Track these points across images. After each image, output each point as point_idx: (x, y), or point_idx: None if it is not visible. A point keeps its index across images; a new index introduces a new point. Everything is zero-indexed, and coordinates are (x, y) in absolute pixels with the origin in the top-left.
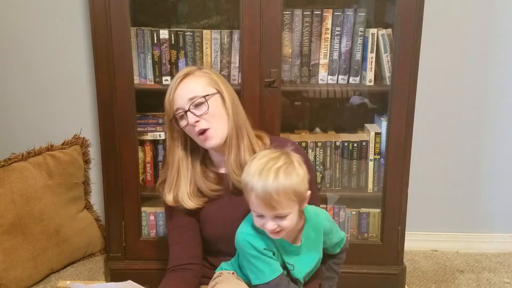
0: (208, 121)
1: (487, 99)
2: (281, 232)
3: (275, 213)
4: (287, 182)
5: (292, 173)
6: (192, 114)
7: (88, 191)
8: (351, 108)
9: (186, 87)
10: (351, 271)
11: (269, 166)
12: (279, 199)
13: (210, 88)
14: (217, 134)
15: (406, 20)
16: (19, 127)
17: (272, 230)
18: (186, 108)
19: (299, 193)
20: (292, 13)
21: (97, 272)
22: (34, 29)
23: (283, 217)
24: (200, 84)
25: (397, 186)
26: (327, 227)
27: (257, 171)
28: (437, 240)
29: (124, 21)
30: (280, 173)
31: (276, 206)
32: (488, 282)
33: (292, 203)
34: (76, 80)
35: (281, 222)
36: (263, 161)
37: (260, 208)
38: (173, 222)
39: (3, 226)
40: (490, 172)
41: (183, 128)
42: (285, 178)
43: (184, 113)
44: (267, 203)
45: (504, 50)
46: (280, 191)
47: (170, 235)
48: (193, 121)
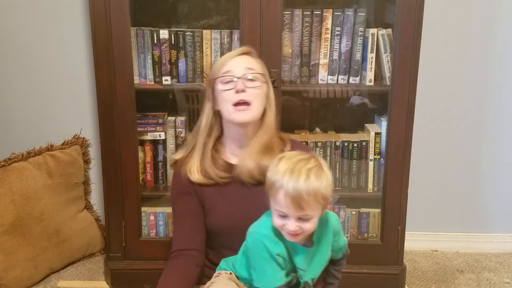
0: (252, 96)
1: (487, 99)
2: (300, 235)
3: (301, 214)
4: (318, 185)
5: (322, 176)
6: (243, 82)
7: (88, 191)
8: (351, 108)
9: (246, 60)
10: (351, 271)
11: (299, 166)
12: (309, 200)
13: (263, 72)
14: (253, 113)
15: (406, 20)
16: (19, 127)
17: (293, 231)
18: (239, 75)
19: (326, 197)
20: (292, 13)
21: (97, 272)
22: (34, 29)
23: (307, 219)
24: (258, 65)
25: (397, 186)
26: (337, 228)
27: (288, 170)
28: (437, 240)
29: (124, 21)
30: (311, 175)
31: (305, 207)
32: (488, 282)
33: (319, 206)
34: (76, 80)
35: (303, 225)
36: (293, 161)
37: (288, 207)
38: (181, 206)
39: (3, 226)
40: (490, 172)
41: (221, 91)
42: (316, 180)
43: (233, 78)
44: (296, 203)
45: (504, 50)
46: (310, 192)
47: (175, 220)
48: (241, 88)
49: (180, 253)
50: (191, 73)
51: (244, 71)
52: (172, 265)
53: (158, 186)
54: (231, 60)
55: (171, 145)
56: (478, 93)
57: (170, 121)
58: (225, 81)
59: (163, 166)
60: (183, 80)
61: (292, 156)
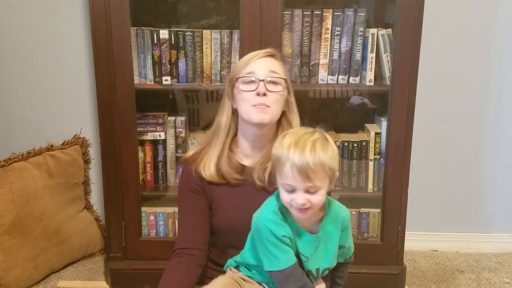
0: (272, 101)
1: (487, 99)
2: (309, 210)
3: (309, 185)
4: (323, 155)
5: (328, 147)
6: (265, 86)
7: (88, 191)
8: (351, 108)
9: (270, 62)
10: (351, 271)
11: (304, 139)
12: (316, 170)
13: (286, 77)
14: (270, 115)
15: (406, 20)
16: (19, 127)
17: (302, 204)
18: (262, 77)
19: (332, 168)
20: (292, 13)
21: (97, 272)
22: (34, 29)
23: (315, 192)
24: (282, 68)
25: (397, 186)
26: (346, 222)
27: (292, 142)
28: (437, 240)
29: (124, 21)
30: (317, 145)
31: (312, 177)
32: (488, 282)
33: (325, 177)
34: (76, 80)
35: (311, 197)
36: (298, 135)
37: (295, 179)
38: (187, 204)
39: (3, 226)
40: (490, 172)
41: (242, 91)
42: (322, 150)
43: (256, 80)
44: (304, 173)
45: (504, 50)
46: (317, 162)
47: (180, 217)
48: (263, 91)
49: (183, 252)
50: (191, 73)
51: (267, 74)
52: (174, 264)
53: (158, 186)
54: (255, 61)
55: (171, 145)
56: (478, 93)
57: (170, 121)
58: (247, 81)
59: (163, 166)
60: (183, 80)
61: (297, 131)
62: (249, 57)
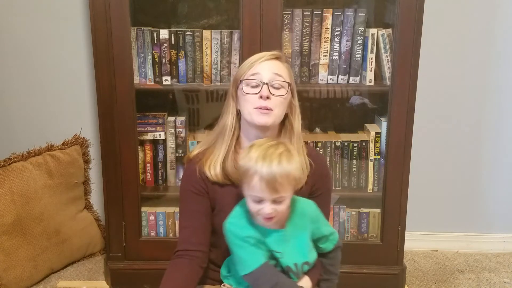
0: (275, 104)
1: (487, 99)
2: (274, 219)
3: (276, 196)
4: (289, 167)
5: (292, 159)
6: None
7: (88, 191)
8: (351, 108)
9: (275, 65)
10: (351, 271)
11: (271, 152)
12: (282, 182)
13: (290, 81)
14: (274, 117)
15: (406, 20)
16: (19, 127)
17: (269, 214)
18: (265, 80)
19: (298, 178)
20: (292, 13)
21: (97, 272)
22: (34, 29)
23: (281, 201)
24: (287, 72)
25: (397, 186)
26: (314, 215)
27: (260, 156)
28: (437, 240)
29: (124, 21)
30: (283, 159)
31: (279, 189)
32: (488, 282)
33: (291, 187)
34: (76, 80)
35: (278, 207)
36: (264, 147)
37: (263, 191)
38: (189, 205)
39: (3, 226)
40: (490, 172)
41: (245, 94)
42: (287, 163)
43: (260, 83)
44: (271, 186)
45: (504, 50)
46: (283, 174)
47: (182, 218)
48: (266, 95)
49: (185, 253)
50: (191, 73)
51: (272, 77)
52: (176, 265)
53: (158, 186)
54: (260, 63)
55: (171, 145)
56: (478, 93)
57: (170, 121)
58: (251, 84)
59: (163, 166)
60: (183, 80)
61: (262, 143)
62: (254, 59)
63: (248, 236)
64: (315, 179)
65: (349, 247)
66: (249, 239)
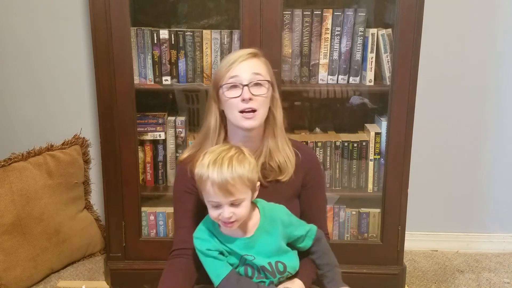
0: (259, 104)
1: (487, 99)
2: (235, 223)
3: (231, 199)
4: (241, 168)
5: (244, 160)
6: (249, 90)
7: (88, 191)
8: (351, 108)
9: (252, 64)
10: (351, 271)
11: (222, 156)
12: (235, 184)
13: (270, 77)
14: (259, 119)
15: (406, 20)
16: (19, 127)
17: (228, 218)
18: (244, 82)
19: (252, 179)
20: (292, 13)
21: (97, 272)
22: (34, 29)
23: (238, 204)
24: (265, 68)
25: (397, 186)
26: (285, 219)
27: (211, 161)
28: (437, 240)
29: (124, 21)
30: (233, 161)
31: (233, 191)
32: (488, 282)
33: (246, 188)
34: (76, 80)
35: (236, 210)
36: (216, 153)
37: (217, 195)
38: (183, 205)
39: (3, 226)
40: (490, 172)
41: (228, 99)
42: (239, 164)
43: (240, 86)
44: (224, 188)
45: (504, 50)
46: (235, 176)
47: (178, 218)
48: (248, 97)
49: (182, 252)
50: (191, 73)
51: (251, 77)
52: (175, 264)
53: (158, 186)
54: (237, 65)
55: (171, 145)
56: (478, 93)
57: (170, 121)
58: (231, 87)
59: (163, 166)
60: (183, 80)
61: (215, 149)
62: (231, 60)
63: (209, 249)
64: (305, 172)
65: (349, 247)
66: (210, 252)
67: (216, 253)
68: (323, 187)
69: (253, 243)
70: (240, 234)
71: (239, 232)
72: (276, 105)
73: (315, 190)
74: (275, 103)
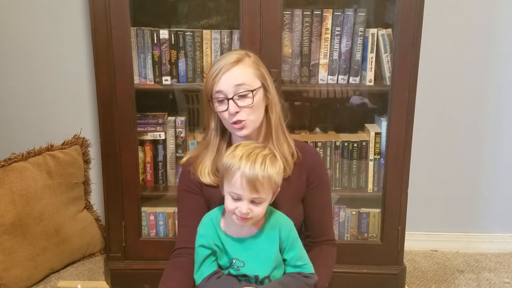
0: (246, 114)
1: (487, 99)
2: (249, 220)
3: (254, 196)
4: (272, 170)
5: (276, 163)
6: (235, 104)
7: (88, 191)
8: (351, 108)
9: (234, 73)
10: (351, 271)
11: (256, 152)
12: (263, 182)
13: (257, 81)
14: (251, 126)
15: (406, 20)
16: (19, 127)
17: (245, 214)
18: (229, 95)
19: (278, 183)
20: (292, 13)
21: (97, 272)
22: (34, 29)
23: (258, 203)
24: (249, 74)
25: (397, 186)
26: (285, 233)
27: (244, 154)
28: (437, 240)
29: (124, 21)
30: (267, 160)
31: (259, 189)
32: (488, 282)
33: (270, 190)
34: (76, 80)
35: (255, 208)
36: (250, 147)
37: (243, 189)
38: (185, 205)
39: (3, 226)
40: (490, 172)
41: (219, 112)
42: (271, 165)
43: (225, 100)
44: (252, 184)
45: (504, 49)
46: (265, 175)
47: (180, 218)
48: (234, 111)
49: (183, 252)
50: (191, 73)
51: (234, 89)
52: (176, 263)
53: (158, 186)
54: (220, 78)
55: (171, 145)
56: (478, 93)
57: (170, 121)
58: (218, 101)
59: (163, 166)
60: (183, 80)
61: (248, 143)
62: (215, 72)
63: (203, 245)
64: (308, 172)
65: (349, 247)
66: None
67: (207, 252)
68: (327, 187)
69: (251, 246)
70: (239, 234)
71: (239, 231)
72: (272, 106)
73: (319, 189)
74: (270, 104)
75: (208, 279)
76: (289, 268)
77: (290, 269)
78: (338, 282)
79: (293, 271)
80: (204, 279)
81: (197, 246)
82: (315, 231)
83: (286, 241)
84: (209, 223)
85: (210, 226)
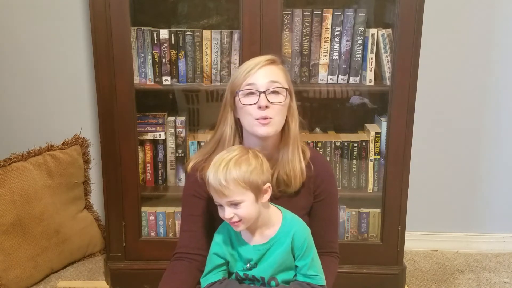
0: (275, 112)
1: (487, 99)
2: (240, 223)
3: (227, 200)
4: (235, 171)
5: (243, 162)
6: (266, 98)
7: (88, 191)
8: (351, 108)
9: (270, 71)
10: (351, 271)
11: (222, 158)
12: (227, 185)
13: (286, 85)
14: (275, 127)
15: (406, 20)
16: (19, 127)
17: (229, 218)
18: (262, 89)
19: (250, 181)
20: (292, 13)
21: (97, 272)
22: (34, 29)
23: (237, 205)
24: (283, 76)
25: (397, 186)
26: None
27: (212, 164)
28: (437, 240)
29: (124, 21)
30: (230, 163)
31: (226, 192)
32: (488, 282)
33: (243, 190)
34: (76, 80)
35: (236, 210)
36: (219, 155)
37: (214, 196)
38: (191, 209)
39: (3, 226)
40: (490, 172)
41: (244, 105)
42: (234, 166)
43: (257, 92)
44: (218, 190)
45: (504, 50)
46: (228, 178)
47: (184, 222)
48: (264, 104)
49: (185, 256)
50: (191, 73)
51: (268, 85)
52: (176, 266)
53: (158, 186)
54: (255, 72)
55: (171, 145)
56: (478, 93)
57: (170, 121)
58: (247, 94)
59: (163, 166)
60: (183, 80)
61: (223, 152)
62: (249, 67)
63: (216, 254)
64: (317, 184)
65: (349, 247)
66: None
67: (220, 261)
68: (335, 201)
69: (263, 251)
70: (254, 240)
71: (255, 238)
72: (293, 115)
73: (325, 203)
74: (291, 113)
75: (211, 285)
76: (299, 275)
77: (301, 277)
78: (338, 282)
79: (303, 280)
80: (208, 285)
81: (211, 253)
82: (317, 243)
83: (299, 249)
84: (225, 232)
85: (225, 235)
